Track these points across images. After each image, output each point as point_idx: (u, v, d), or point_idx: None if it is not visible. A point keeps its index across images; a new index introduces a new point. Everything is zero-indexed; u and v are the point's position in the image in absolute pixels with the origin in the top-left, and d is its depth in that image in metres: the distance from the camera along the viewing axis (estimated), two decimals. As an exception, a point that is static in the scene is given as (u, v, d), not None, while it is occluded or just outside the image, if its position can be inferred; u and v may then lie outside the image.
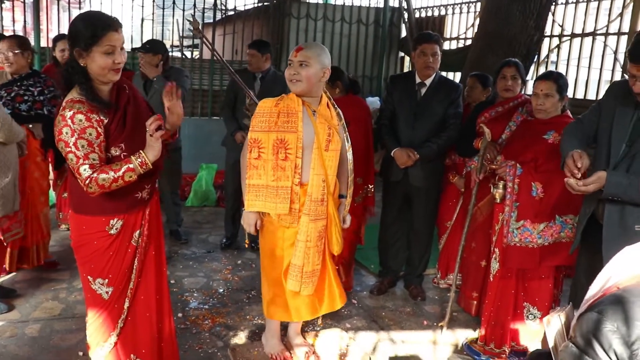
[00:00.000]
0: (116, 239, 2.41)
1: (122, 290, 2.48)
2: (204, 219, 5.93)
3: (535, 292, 3.26)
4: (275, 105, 2.79)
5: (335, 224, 2.91)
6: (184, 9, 7.72)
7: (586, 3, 6.38)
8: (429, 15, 8.80)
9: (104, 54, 2.18)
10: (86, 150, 2.17)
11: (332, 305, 3.04)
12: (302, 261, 2.82)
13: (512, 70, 3.67)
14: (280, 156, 2.72)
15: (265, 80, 4.75)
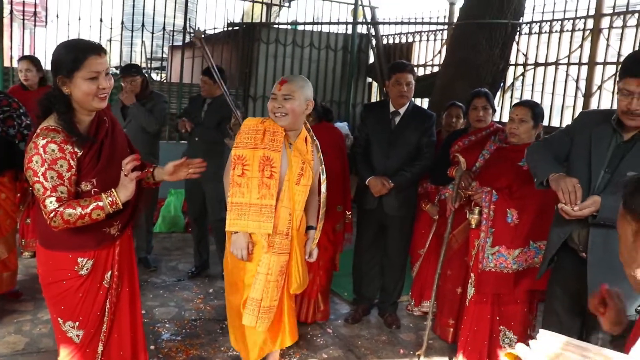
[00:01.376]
0: (86, 279, 2.29)
1: (95, 334, 2.36)
2: (173, 245, 5.82)
3: (511, 316, 3.29)
4: (261, 122, 2.78)
5: (296, 260, 2.87)
6: (152, 31, 7.67)
7: (548, 34, 6.57)
8: (396, 42, 8.93)
9: (87, 79, 2.10)
10: (55, 182, 2.07)
11: (282, 342, 3.01)
12: (260, 295, 2.76)
13: (482, 101, 3.75)
14: (266, 174, 2.69)
15: (212, 106, 4.71)
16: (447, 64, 6.64)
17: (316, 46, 8.64)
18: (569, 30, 6.40)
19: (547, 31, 6.59)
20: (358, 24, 8.98)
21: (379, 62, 8.58)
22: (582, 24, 6.25)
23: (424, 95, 7.48)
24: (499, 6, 6.05)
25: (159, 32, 7.81)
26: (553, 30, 6.53)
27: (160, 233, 6.15)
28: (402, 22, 8.78)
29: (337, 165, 3.93)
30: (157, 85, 8.15)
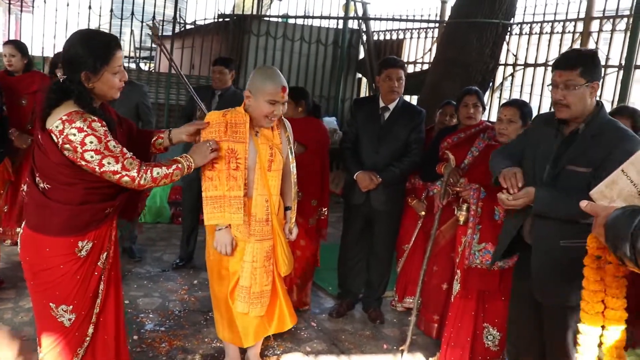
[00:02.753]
0: (85, 262, 2.29)
1: (85, 316, 2.35)
2: (158, 236, 5.78)
3: (494, 313, 3.31)
4: (222, 115, 2.79)
5: (280, 243, 2.89)
6: (142, 20, 7.61)
7: (539, 35, 6.61)
8: (387, 39, 8.94)
9: (114, 74, 2.18)
10: (119, 148, 2.17)
11: (281, 325, 2.99)
12: (249, 282, 2.79)
13: (473, 98, 3.76)
14: (232, 166, 2.72)
15: (224, 98, 4.68)
16: (437, 62, 6.66)
17: (307, 40, 8.63)
18: (559, 32, 6.44)
19: (538, 32, 6.63)
20: (349, 19, 8.99)
21: (369, 58, 8.58)
22: (572, 26, 6.29)
23: (413, 92, 7.49)
24: (491, 6, 6.07)
25: (148, 21, 7.73)
26: (543, 31, 6.57)
27: (145, 223, 6.10)
28: (393, 19, 8.79)
29: (317, 161, 3.96)
30: (145, 75, 8.09)
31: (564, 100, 2.43)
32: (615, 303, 1.98)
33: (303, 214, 3.79)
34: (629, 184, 1.32)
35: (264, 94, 2.73)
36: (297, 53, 8.61)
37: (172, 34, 8.34)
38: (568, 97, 2.42)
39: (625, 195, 1.33)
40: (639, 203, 1.28)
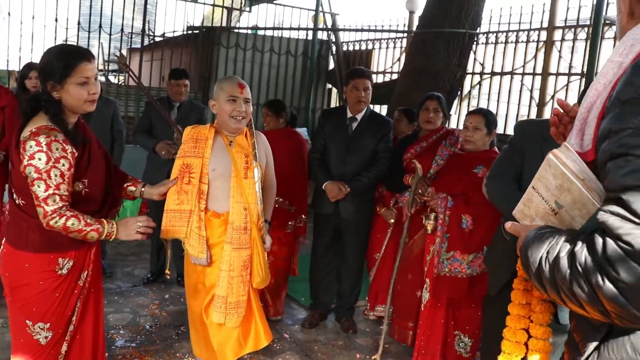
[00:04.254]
0: (65, 280, 2.27)
1: (62, 334, 2.33)
2: (129, 250, 5.72)
3: (465, 320, 3.36)
4: (189, 132, 2.85)
5: (258, 254, 2.88)
6: (110, 33, 7.55)
7: (504, 44, 6.73)
8: (356, 49, 9.00)
9: (78, 85, 2.15)
10: (58, 181, 2.10)
11: (257, 343, 2.96)
12: (225, 292, 2.78)
13: (434, 103, 3.83)
14: (184, 180, 2.74)
15: (182, 109, 4.71)
16: (406, 72, 6.73)
17: (276, 51, 8.64)
18: (523, 41, 6.57)
19: (503, 42, 6.75)
20: (318, 30, 9.04)
21: (338, 68, 8.64)
22: (536, 35, 6.43)
23: (382, 102, 7.55)
24: (457, 16, 6.17)
25: (117, 34, 7.68)
26: (509, 40, 6.70)
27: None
28: (362, 30, 8.86)
29: (297, 168, 4.02)
30: (114, 88, 8.02)
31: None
32: (538, 330, 1.92)
33: (279, 220, 3.80)
34: (541, 200, 1.27)
35: (223, 94, 2.77)
36: (267, 64, 8.62)
37: (141, 47, 8.29)
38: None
39: (542, 214, 1.27)
40: (553, 220, 1.23)
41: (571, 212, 1.19)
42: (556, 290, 1.07)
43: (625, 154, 0.99)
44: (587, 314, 1.05)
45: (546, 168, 1.24)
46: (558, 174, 1.19)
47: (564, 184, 1.18)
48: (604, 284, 0.96)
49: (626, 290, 0.94)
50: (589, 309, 1.03)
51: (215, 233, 2.82)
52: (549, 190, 1.23)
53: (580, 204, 1.17)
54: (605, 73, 1.15)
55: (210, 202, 2.81)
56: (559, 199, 1.20)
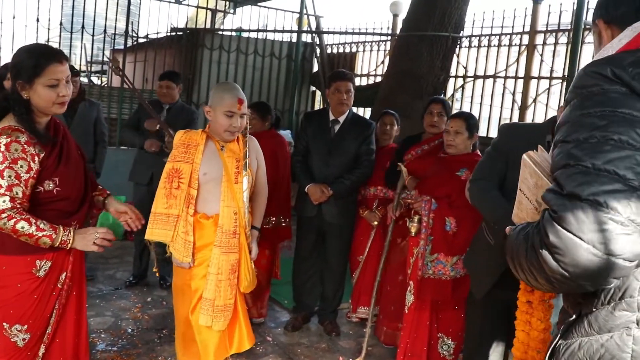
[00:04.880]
0: (43, 281, 2.24)
1: (40, 336, 2.30)
2: (110, 253, 5.66)
3: (448, 323, 3.37)
4: (181, 137, 2.86)
5: (245, 259, 2.89)
6: (93, 34, 7.49)
7: (487, 48, 6.78)
8: (340, 52, 9.02)
9: (48, 86, 2.12)
10: (11, 182, 2.06)
11: (240, 345, 2.96)
12: (213, 294, 2.78)
13: (439, 107, 3.83)
14: (173, 185, 2.75)
15: (172, 112, 4.69)
16: (389, 75, 6.76)
17: (260, 54, 8.63)
18: (506, 45, 6.63)
19: (486, 45, 6.80)
20: (303, 32, 9.04)
21: (322, 71, 8.65)
22: (518, 39, 6.49)
23: (366, 104, 7.58)
24: (440, 19, 6.21)
25: (99, 35, 7.62)
26: (491, 44, 6.75)
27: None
28: (346, 32, 8.88)
29: (278, 172, 4.00)
30: (97, 89, 7.95)
31: None
32: (539, 325, 2.16)
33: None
34: (527, 201, 1.35)
35: (221, 107, 2.77)
36: (251, 67, 8.61)
37: (125, 48, 8.23)
38: None
39: (530, 214, 1.35)
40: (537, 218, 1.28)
41: None
42: (521, 269, 1.20)
43: (562, 141, 1.16)
44: (541, 287, 1.19)
45: (524, 169, 1.36)
46: (532, 172, 1.31)
47: (538, 181, 1.29)
48: (542, 249, 1.11)
49: (555, 252, 1.08)
50: (539, 279, 1.15)
51: (204, 235, 2.82)
52: (530, 190, 1.34)
53: None
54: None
55: (200, 205, 2.81)
56: (538, 197, 1.29)
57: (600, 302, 1.18)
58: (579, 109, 1.16)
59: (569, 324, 1.26)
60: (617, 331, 1.16)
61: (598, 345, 1.17)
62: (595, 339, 1.18)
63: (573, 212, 1.06)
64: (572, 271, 1.07)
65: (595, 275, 1.07)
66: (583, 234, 1.05)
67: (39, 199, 2.19)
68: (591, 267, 1.06)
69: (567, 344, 1.24)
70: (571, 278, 1.08)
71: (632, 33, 1.26)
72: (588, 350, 1.19)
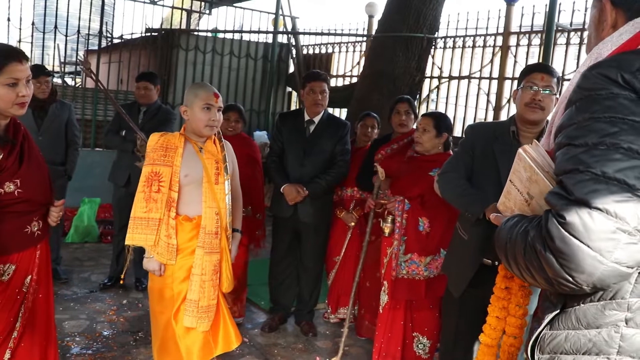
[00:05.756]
0: (7, 286, 2.21)
1: (4, 341, 2.27)
2: (85, 255, 5.62)
3: (423, 322, 3.39)
4: (157, 140, 2.83)
5: (226, 259, 2.90)
6: (66, 34, 7.41)
7: (462, 49, 6.85)
8: (316, 53, 9.04)
9: (6, 85, 2.08)
10: None
11: (227, 345, 2.96)
12: (197, 295, 2.78)
13: (405, 106, 3.90)
14: (153, 188, 2.74)
15: (149, 113, 4.68)
16: (365, 75, 6.79)
17: (236, 54, 8.61)
18: (480, 46, 6.69)
19: (461, 46, 6.87)
20: (278, 33, 9.04)
21: (298, 71, 8.65)
22: (492, 40, 6.55)
23: (342, 105, 7.60)
24: (415, 20, 6.27)
25: (73, 35, 7.53)
26: (466, 45, 6.81)
27: (72, 243, 5.92)
28: (322, 33, 8.89)
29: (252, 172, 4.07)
30: (70, 90, 7.86)
31: (542, 101, 2.52)
32: (517, 311, 2.19)
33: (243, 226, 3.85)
34: (517, 192, 1.38)
35: (198, 102, 2.77)
36: (227, 67, 8.58)
37: (99, 49, 8.15)
38: (545, 100, 2.53)
39: (519, 205, 1.38)
40: (527, 210, 1.34)
41: (540, 202, 1.30)
42: (516, 265, 1.21)
43: (568, 144, 1.15)
44: (538, 284, 1.20)
45: (518, 162, 1.37)
46: (527, 166, 1.32)
47: (532, 175, 1.31)
48: (545, 253, 1.11)
49: (560, 257, 1.09)
50: (537, 279, 1.17)
51: (185, 237, 2.82)
52: (522, 182, 1.36)
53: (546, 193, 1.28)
54: (573, 82, 1.29)
55: (181, 207, 2.81)
56: (530, 190, 1.33)
57: (590, 299, 1.19)
58: (587, 112, 1.14)
59: (553, 314, 1.27)
60: (606, 328, 1.18)
61: (586, 340, 1.19)
62: (583, 333, 1.20)
63: (581, 219, 1.06)
64: (576, 276, 1.08)
65: (598, 281, 1.08)
66: (591, 242, 1.05)
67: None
68: (596, 273, 1.07)
69: (552, 335, 1.25)
70: (574, 282, 1.09)
71: (633, 29, 1.25)
72: (575, 343, 1.21)
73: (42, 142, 4.06)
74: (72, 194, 5.15)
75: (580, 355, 1.20)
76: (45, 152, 2.64)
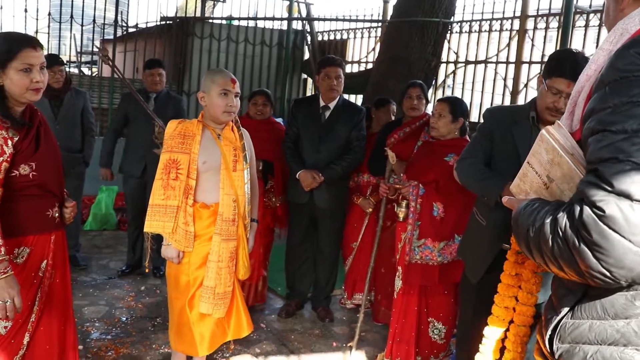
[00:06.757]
0: (23, 269, 2.24)
1: (22, 324, 2.30)
2: (104, 243, 5.68)
3: (438, 307, 3.39)
4: (175, 127, 2.84)
5: (243, 247, 2.93)
6: (82, 24, 7.45)
7: (478, 33, 6.77)
8: (331, 39, 8.99)
9: (21, 71, 2.13)
10: None
11: (238, 331, 3.00)
12: (214, 282, 2.81)
13: (417, 90, 3.88)
14: (171, 176, 2.75)
15: (159, 100, 4.68)
16: (380, 61, 6.75)
17: (251, 42, 8.59)
18: (497, 30, 6.61)
19: (477, 30, 6.79)
20: (293, 19, 9.00)
21: (313, 58, 8.61)
22: (509, 24, 6.47)
23: (357, 91, 7.57)
24: (431, 5, 6.20)
25: (89, 24, 7.57)
26: (482, 29, 6.74)
27: (90, 231, 5.99)
28: (336, 19, 8.84)
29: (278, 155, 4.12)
30: (87, 79, 7.92)
31: (563, 108, 2.38)
32: (529, 299, 2.13)
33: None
34: (535, 175, 1.34)
35: (215, 87, 2.78)
36: (242, 55, 8.57)
37: (114, 38, 8.18)
38: (563, 107, 2.39)
39: (536, 188, 1.34)
40: (545, 194, 1.30)
41: (561, 186, 1.26)
42: (540, 254, 1.16)
43: (603, 130, 1.07)
44: (566, 275, 1.15)
45: (539, 143, 1.31)
46: (549, 148, 1.27)
47: (555, 158, 1.26)
48: (579, 245, 1.05)
49: (597, 251, 1.03)
50: (567, 270, 1.11)
51: (202, 224, 2.84)
52: (541, 165, 1.31)
53: (569, 177, 1.23)
54: (596, 59, 1.24)
55: (199, 194, 2.83)
56: (550, 173, 1.28)
57: (618, 288, 1.13)
58: (625, 95, 1.06)
59: (573, 302, 1.21)
60: (636, 319, 1.12)
61: (613, 331, 1.14)
62: (610, 323, 1.14)
63: (623, 212, 1.00)
64: (614, 271, 1.03)
65: (638, 277, 1.04)
66: (633, 236, 1.00)
67: (15, 183, 2.19)
68: (637, 269, 1.02)
69: (573, 324, 1.20)
70: (611, 277, 1.04)
71: None
72: (600, 334, 1.15)
73: (59, 131, 4.10)
74: (90, 182, 5.21)
75: (606, 346, 1.14)
76: (62, 140, 2.68)
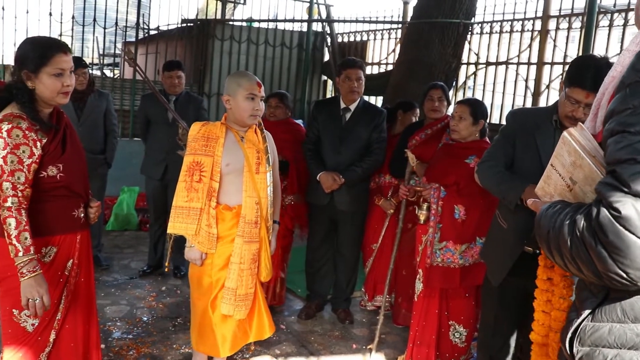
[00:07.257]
0: (50, 268, 2.29)
1: (49, 322, 2.35)
2: (125, 243, 5.74)
3: (459, 310, 3.36)
4: (199, 129, 2.86)
5: (265, 249, 2.94)
6: (105, 27, 7.52)
7: (499, 34, 6.72)
8: (351, 41, 8.99)
9: (53, 75, 2.19)
10: (14, 167, 2.12)
11: (260, 333, 3.01)
12: (235, 284, 2.83)
13: (438, 92, 3.86)
14: (194, 178, 2.78)
15: (179, 102, 4.70)
16: (401, 62, 6.72)
17: (271, 43, 8.62)
18: (518, 30, 6.56)
19: (498, 31, 6.74)
20: (313, 21, 9.01)
21: (333, 60, 8.61)
22: (530, 25, 6.42)
23: (378, 93, 7.55)
24: (451, 6, 6.17)
25: (111, 27, 7.66)
26: (503, 30, 6.69)
27: (112, 231, 6.06)
28: (356, 21, 8.84)
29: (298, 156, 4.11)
30: (109, 81, 8.00)
31: (582, 117, 2.34)
32: (562, 304, 2.08)
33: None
34: (558, 177, 1.33)
35: (242, 91, 2.80)
36: (262, 57, 8.61)
37: (136, 40, 8.27)
38: (582, 117, 2.35)
39: (559, 190, 1.33)
40: (569, 196, 1.29)
41: (584, 188, 1.26)
42: (560, 255, 1.16)
43: (623, 131, 1.07)
44: (585, 277, 1.15)
45: (562, 146, 1.32)
46: (572, 150, 1.27)
47: (577, 160, 1.26)
48: (596, 246, 1.05)
49: (613, 252, 1.03)
50: (585, 271, 1.11)
51: (225, 226, 2.86)
52: (564, 167, 1.31)
53: (591, 179, 1.23)
54: (622, 61, 1.23)
55: (222, 196, 2.85)
56: (573, 175, 1.28)
57: (638, 291, 1.12)
58: None
59: (594, 305, 1.21)
60: None
61: (632, 334, 1.13)
62: (630, 327, 1.13)
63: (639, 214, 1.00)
64: (631, 272, 1.03)
65: None
66: None
67: (43, 184, 2.25)
68: None
69: (593, 327, 1.19)
70: (628, 278, 1.04)
71: None
72: (620, 337, 1.14)
73: (82, 132, 4.15)
74: (112, 183, 5.27)
75: (626, 350, 1.14)
76: (85, 141, 2.72)
